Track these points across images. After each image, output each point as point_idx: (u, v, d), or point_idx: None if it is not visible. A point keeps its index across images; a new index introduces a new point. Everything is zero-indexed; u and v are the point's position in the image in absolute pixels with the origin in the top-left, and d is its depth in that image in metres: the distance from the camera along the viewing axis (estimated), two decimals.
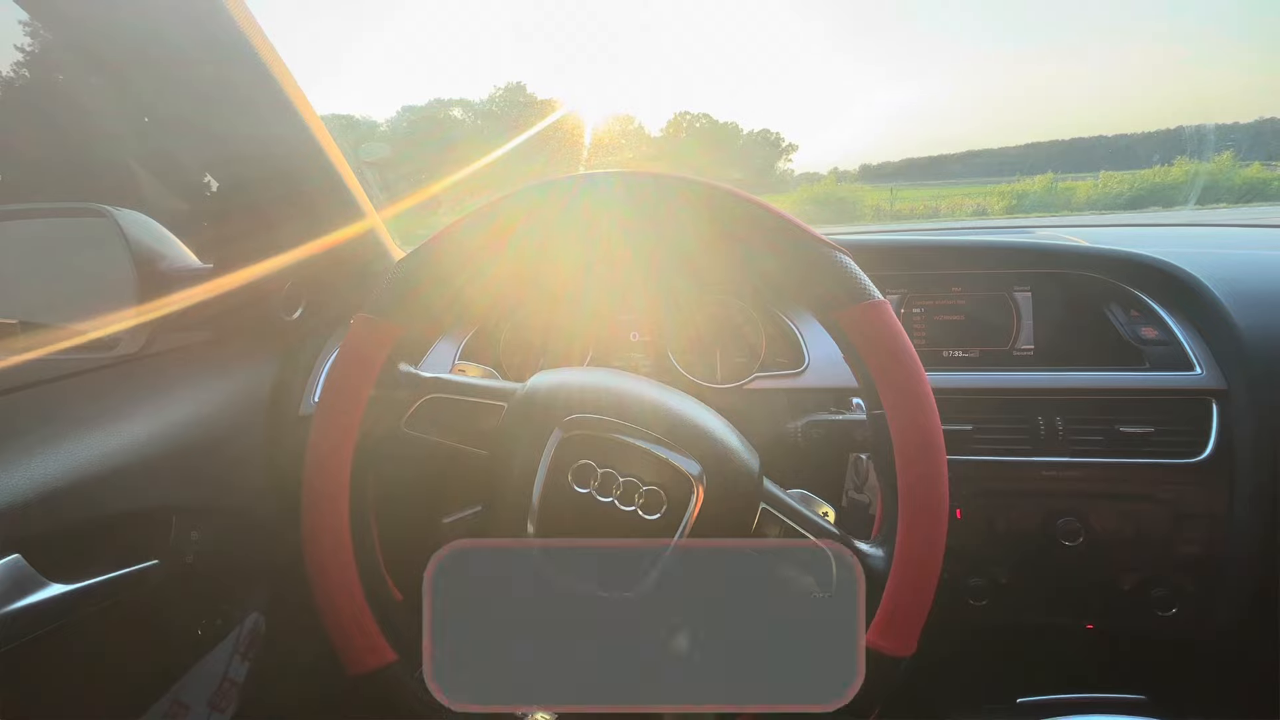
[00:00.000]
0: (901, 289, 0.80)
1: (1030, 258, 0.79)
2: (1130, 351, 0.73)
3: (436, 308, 0.49)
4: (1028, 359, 0.78)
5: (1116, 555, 0.68)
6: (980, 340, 0.79)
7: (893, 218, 9.75)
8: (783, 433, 0.67)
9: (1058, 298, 0.78)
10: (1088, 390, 0.69)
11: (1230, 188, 7.68)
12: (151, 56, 0.52)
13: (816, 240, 0.45)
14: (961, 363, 0.79)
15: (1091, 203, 8.69)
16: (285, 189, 0.67)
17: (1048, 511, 0.68)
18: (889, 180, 11.19)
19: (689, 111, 14.57)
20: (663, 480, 0.44)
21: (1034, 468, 0.68)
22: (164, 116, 0.57)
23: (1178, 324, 0.71)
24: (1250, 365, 0.66)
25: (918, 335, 0.80)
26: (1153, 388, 0.68)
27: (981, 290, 0.80)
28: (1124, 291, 0.75)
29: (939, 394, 0.72)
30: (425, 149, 5.38)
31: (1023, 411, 0.70)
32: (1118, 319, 0.75)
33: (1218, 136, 6.74)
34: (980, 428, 0.70)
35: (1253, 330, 0.66)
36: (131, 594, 0.48)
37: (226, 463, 0.63)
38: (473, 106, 9.37)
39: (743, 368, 0.77)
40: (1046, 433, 0.69)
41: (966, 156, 13.98)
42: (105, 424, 0.53)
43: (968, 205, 9.95)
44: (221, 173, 0.65)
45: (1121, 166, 9.25)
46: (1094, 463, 0.67)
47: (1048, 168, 9.93)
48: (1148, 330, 0.73)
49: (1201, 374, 0.68)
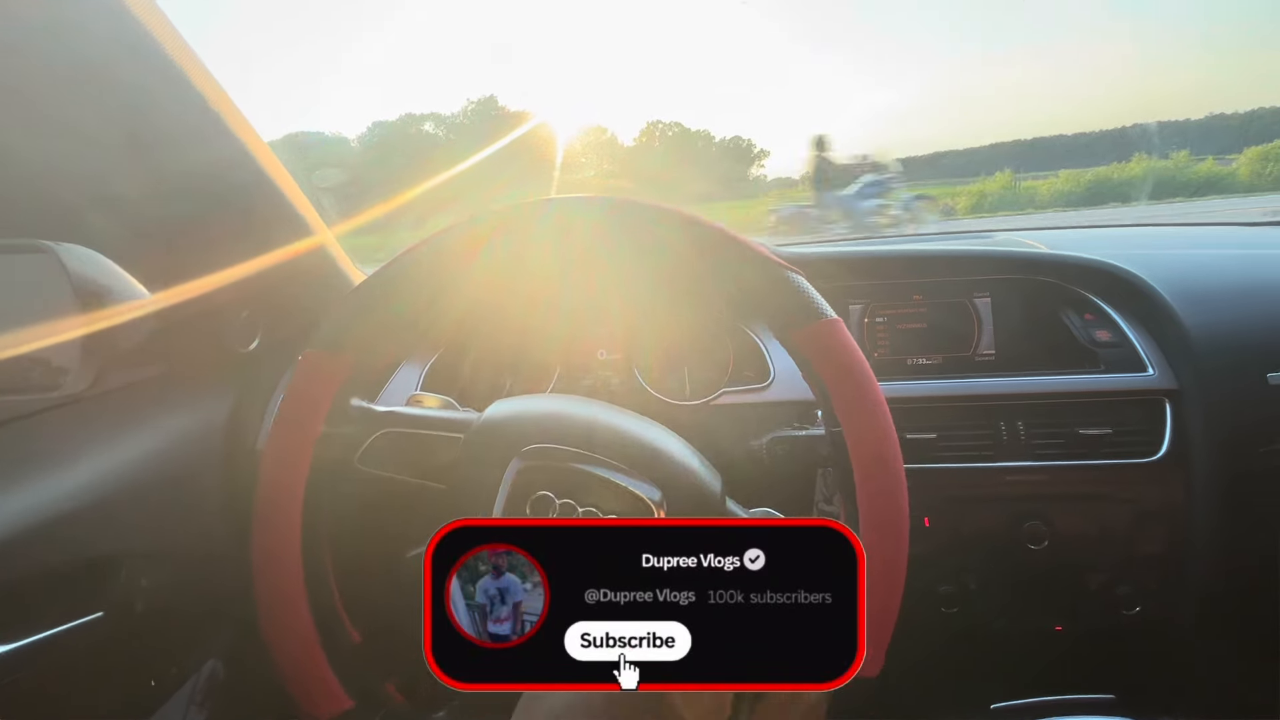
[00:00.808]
0: (864, 299, 0.81)
1: (987, 264, 0.80)
2: (1086, 354, 0.74)
3: (388, 340, 0.48)
4: (990, 364, 0.79)
5: (1081, 556, 0.69)
6: (943, 347, 0.80)
7: None
8: (750, 449, 0.67)
9: (1016, 303, 0.80)
10: (1046, 394, 0.71)
11: (1186, 183, 7.97)
12: (77, 82, 0.50)
13: (769, 261, 0.45)
14: (925, 370, 0.80)
15: (1054, 199, 8.98)
16: (231, 215, 0.65)
17: (1013, 516, 0.69)
18: None
19: (661, 121, 14.70)
20: (622, 508, 0.43)
21: (998, 473, 0.69)
22: (96, 146, 0.55)
23: (1129, 326, 0.73)
24: (1199, 364, 0.67)
25: (881, 344, 0.81)
26: (1108, 390, 0.70)
27: (942, 298, 0.81)
28: (1078, 295, 0.77)
29: (902, 403, 0.73)
30: (396, 164, 5.33)
31: (985, 418, 0.71)
32: (1073, 323, 0.76)
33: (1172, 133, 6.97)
34: (944, 435, 0.71)
35: (1199, 329, 0.68)
36: (76, 649, 0.46)
37: (181, 503, 0.61)
38: (445, 120, 9.33)
39: (711, 383, 0.77)
40: (1009, 437, 0.70)
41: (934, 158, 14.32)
42: (49, 469, 0.51)
43: (936, 205, 10.15)
44: (163, 202, 0.63)
45: (1082, 164, 9.54)
46: (1055, 466, 0.68)
47: (1012, 167, 10.19)
48: (1101, 333, 0.74)
49: (1154, 375, 0.69)
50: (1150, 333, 0.72)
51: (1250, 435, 0.67)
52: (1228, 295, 0.73)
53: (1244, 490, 0.67)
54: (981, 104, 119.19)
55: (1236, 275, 0.77)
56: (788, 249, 0.82)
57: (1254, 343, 0.69)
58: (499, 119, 8.68)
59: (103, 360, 0.69)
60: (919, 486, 0.69)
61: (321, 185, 0.76)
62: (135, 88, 0.53)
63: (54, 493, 0.49)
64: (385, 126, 7.30)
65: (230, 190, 0.64)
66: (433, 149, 7.41)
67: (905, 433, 0.71)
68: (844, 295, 0.81)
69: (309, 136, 27.44)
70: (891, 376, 0.75)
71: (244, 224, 0.67)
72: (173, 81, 0.53)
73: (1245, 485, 0.67)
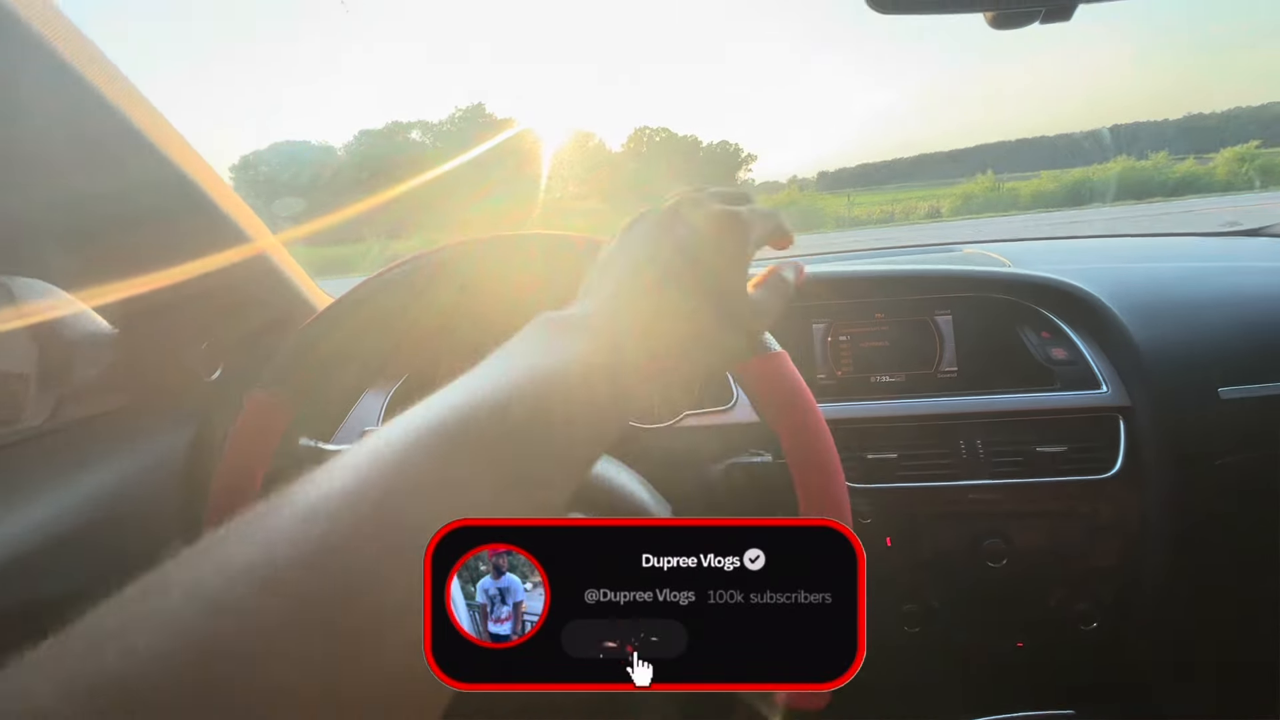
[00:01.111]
0: (827, 318, 0.82)
1: (948, 283, 0.81)
2: (1043, 372, 0.75)
3: (336, 378, 0.48)
4: (952, 381, 0.80)
5: (1040, 573, 0.70)
6: (906, 365, 0.81)
7: (852, 224, 10.02)
8: (709, 475, 0.68)
9: (976, 321, 0.81)
10: (1004, 413, 0.72)
11: (1164, 183, 8.09)
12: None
13: None
14: (889, 388, 0.81)
15: (1036, 200, 9.09)
16: (181, 243, 0.64)
17: (973, 534, 0.70)
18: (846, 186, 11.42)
19: (648, 126, 14.76)
20: None
21: (958, 491, 0.70)
22: (29, 178, 0.54)
23: (1084, 343, 0.74)
24: (1150, 381, 0.69)
25: (845, 362, 0.82)
26: (1063, 407, 0.71)
27: (904, 316, 0.82)
28: (1034, 313, 0.78)
29: (863, 424, 0.74)
30: (381, 172, 5.31)
31: (945, 436, 0.72)
32: (1030, 341, 0.77)
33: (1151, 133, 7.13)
34: (905, 455, 0.71)
35: (1149, 345, 0.69)
36: None
37: (142, 538, 0.61)
38: (431, 128, 9.32)
39: (679, 404, 0.77)
40: (968, 456, 0.71)
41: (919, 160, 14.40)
42: (2, 508, 0.50)
43: (921, 208, 10.29)
44: (109, 232, 0.62)
45: (1064, 165, 9.66)
46: (1014, 483, 0.69)
47: (996, 168, 10.32)
48: (1057, 351, 0.75)
49: (1107, 392, 0.70)
50: (1104, 350, 0.73)
51: (1204, 450, 0.68)
52: (1180, 310, 0.75)
53: (1199, 505, 0.68)
54: (965, 106, 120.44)
55: (1190, 289, 0.79)
56: None
57: (1205, 357, 0.70)
58: (487, 126, 8.66)
59: (60, 393, 0.68)
60: (881, 506, 0.71)
61: (283, 215, 0.75)
62: (60, 117, 0.52)
63: (7, 532, 0.48)
64: (372, 135, 7.23)
65: (174, 217, 0.62)
66: (419, 157, 7.38)
67: (866, 453, 0.72)
68: (807, 315, 0.82)
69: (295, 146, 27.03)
70: (854, 396, 0.76)
71: (195, 251, 0.66)
72: (99, 111, 0.52)
73: (1200, 499, 0.68)
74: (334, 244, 3.13)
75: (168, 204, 0.61)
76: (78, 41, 0.48)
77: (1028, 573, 0.69)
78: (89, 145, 0.54)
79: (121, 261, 0.64)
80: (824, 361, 0.82)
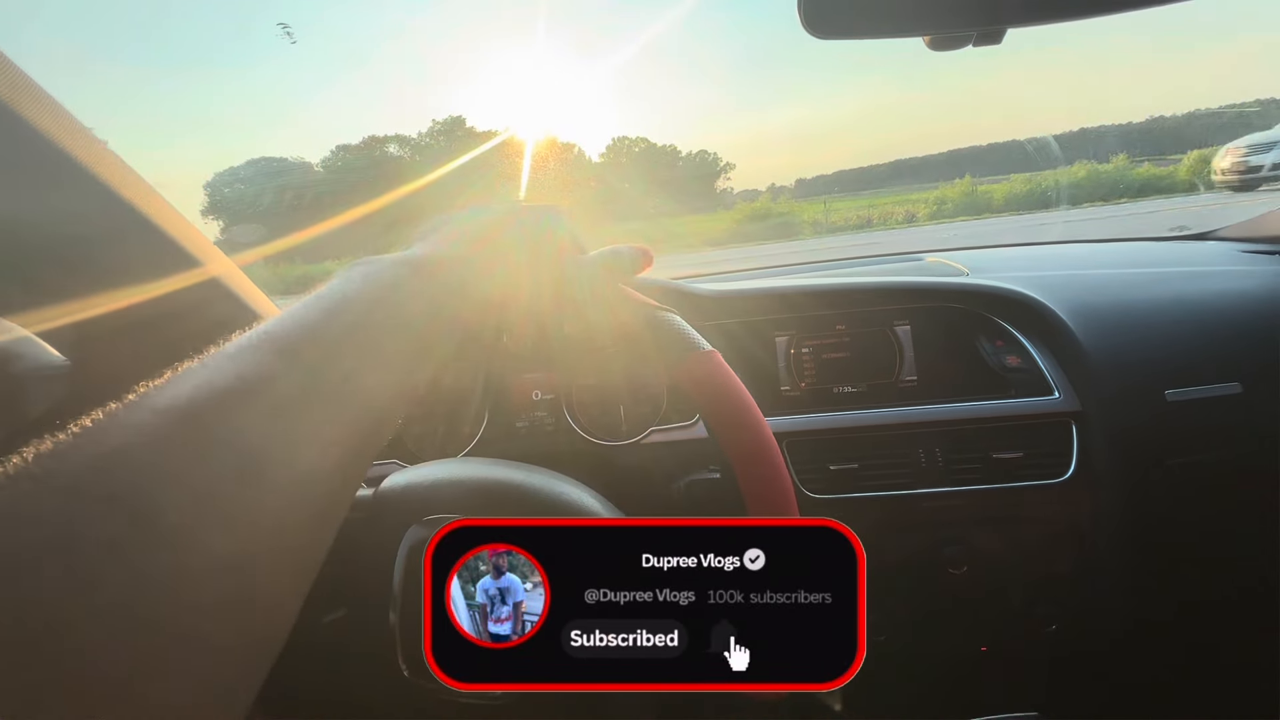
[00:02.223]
0: (789, 330, 0.83)
1: (905, 294, 0.82)
2: (998, 380, 0.77)
3: None
4: (912, 390, 0.82)
5: (999, 578, 0.71)
6: (867, 375, 0.83)
7: (829, 230, 10.11)
8: (670, 491, 0.68)
9: (934, 330, 0.82)
10: (961, 420, 0.73)
11: (1129, 185, 8.29)
12: None
13: (640, 304, 0.46)
14: (850, 399, 0.82)
15: (1008, 203, 9.28)
16: (105, 260, 0.62)
17: (933, 541, 0.71)
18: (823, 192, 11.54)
19: (627, 136, 14.84)
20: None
21: (917, 499, 0.71)
22: None
23: (1037, 351, 0.76)
24: (1099, 387, 0.70)
25: (808, 373, 0.83)
26: (1017, 414, 0.72)
27: (863, 327, 0.83)
28: (990, 322, 0.80)
29: (824, 435, 0.75)
30: (357, 186, 5.27)
31: (904, 445, 0.73)
32: (985, 349, 0.79)
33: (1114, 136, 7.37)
34: (865, 465, 0.72)
35: (1097, 352, 0.71)
36: None
37: None
38: (409, 142, 9.29)
39: (644, 420, 0.78)
40: (927, 464, 0.72)
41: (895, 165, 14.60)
42: None
43: (898, 213, 10.42)
44: (52, 260, 0.60)
45: (1034, 168, 9.86)
46: (971, 490, 0.71)
47: (968, 172, 10.55)
48: (1011, 358, 0.77)
49: (1059, 398, 0.72)
50: (1055, 356, 0.75)
51: (1152, 452, 0.70)
52: (1128, 315, 0.77)
53: (1151, 506, 0.70)
54: (938, 111, 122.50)
55: (1138, 295, 0.81)
56: (709, 286, 0.84)
57: (1152, 361, 0.72)
58: (466, 138, 8.65)
59: (9, 429, 0.67)
60: (843, 517, 0.71)
61: (243, 240, 0.75)
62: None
63: None
64: (349, 149, 7.18)
65: (98, 234, 0.61)
66: (395, 171, 7.34)
67: (828, 464, 0.73)
68: (770, 328, 0.83)
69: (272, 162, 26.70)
70: (817, 408, 0.77)
71: (126, 270, 0.64)
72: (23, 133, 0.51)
73: (1152, 501, 0.70)
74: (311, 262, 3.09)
75: (102, 229, 0.60)
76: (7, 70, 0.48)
77: (988, 577, 0.71)
78: (12, 170, 0.53)
79: (61, 288, 0.63)
80: (787, 374, 0.83)
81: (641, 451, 0.75)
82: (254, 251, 0.78)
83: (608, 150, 10.49)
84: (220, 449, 0.17)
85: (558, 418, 0.80)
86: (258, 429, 0.18)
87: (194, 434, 0.17)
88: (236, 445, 0.18)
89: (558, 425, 0.80)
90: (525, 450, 0.79)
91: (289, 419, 0.19)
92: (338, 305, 0.25)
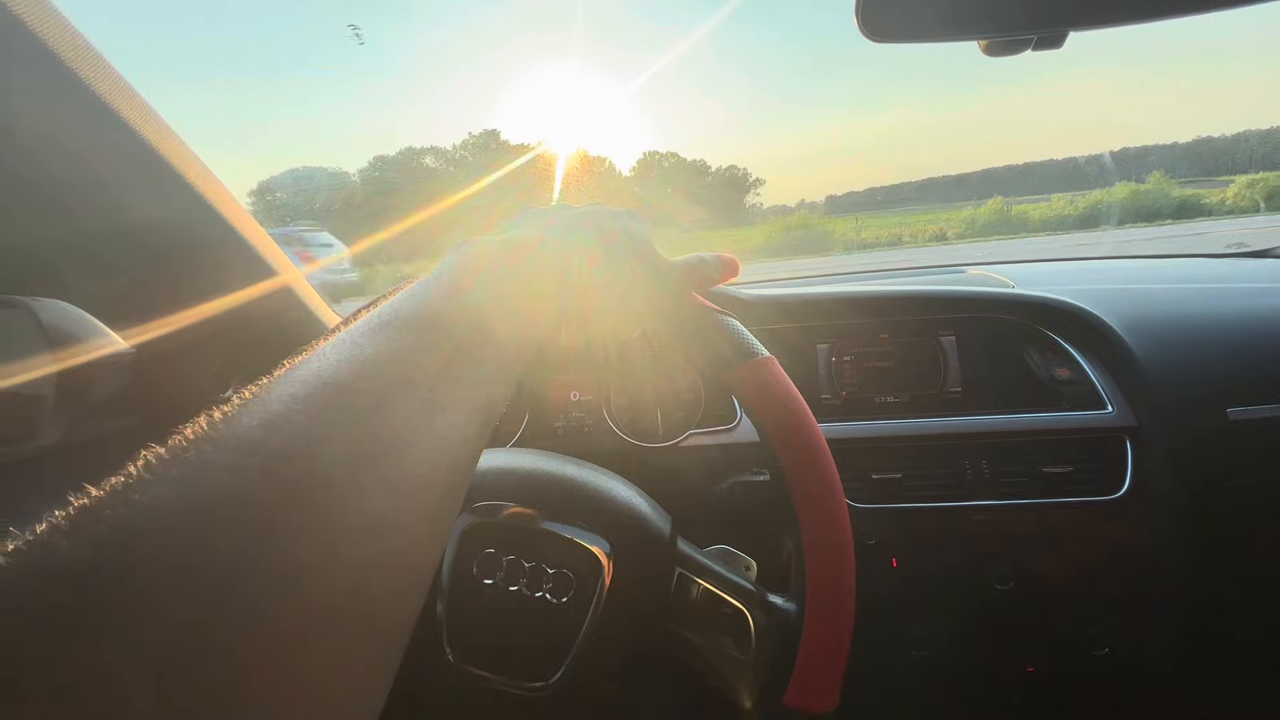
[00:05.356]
0: (831, 339, 0.82)
1: (951, 304, 0.81)
2: (1048, 392, 0.75)
3: None
4: (956, 401, 0.80)
5: (1047, 596, 0.69)
6: (910, 385, 0.81)
7: (860, 247, 10.02)
8: (714, 492, 0.68)
9: (980, 341, 0.81)
10: (1009, 433, 0.71)
11: (1174, 206, 8.11)
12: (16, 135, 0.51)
13: (698, 306, 0.46)
14: (893, 408, 0.81)
15: (1045, 224, 9.08)
16: (197, 266, 0.66)
17: (979, 555, 0.69)
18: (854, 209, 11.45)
19: (657, 151, 15.00)
20: (569, 561, 0.44)
21: (963, 512, 0.69)
22: (58, 203, 0.56)
23: (1089, 363, 0.74)
24: (1156, 401, 0.68)
25: (849, 382, 0.82)
26: (1068, 427, 0.70)
27: (908, 337, 0.82)
28: (1038, 333, 0.78)
29: (868, 444, 0.73)
30: (395, 197, 5.41)
31: (949, 456, 0.72)
32: (1034, 360, 0.77)
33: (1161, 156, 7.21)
34: (909, 475, 0.71)
35: (1154, 366, 0.69)
36: None
37: None
38: (445, 154, 9.51)
39: (682, 423, 0.77)
40: (973, 476, 0.70)
41: (926, 183, 14.47)
42: (15, 523, 0.51)
43: (929, 231, 10.27)
44: (128, 253, 0.64)
45: (1072, 188, 9.68)
46: (1019, 504, 0.69)
47: (1003, 191, 10.41)
48: (1062, 371, 0.75)
49: (1113, 412, 0.70)
50: (1109, 370, 0.73)
51: (1213, 471, 0.67)
52: (1186, 330, 0.74)
53: (1211, 527, 0.67)
54: (972, 129, 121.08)
55: (1196, 309, 0.78)
56: (753, 290, 0.84)
57: (1212, 377, 0.70)
58: (500, 151, 8.82)
59: (75, 413, 0.70)
60: (885, 527, 0.70)
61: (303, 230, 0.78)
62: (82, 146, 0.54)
63: None
64: (386, 160, 7.37)
65: (193, 241, 0.65)
66: (431, 183, 7.52)
67: (871, 473, 0.71)
68: (811, 335, 0.82)
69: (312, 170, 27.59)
70: (858, 416, 0.76)
71: (211, 274, 0.68)
72: (125, 140, 0.54)
73: (1212, 522, 0.67)
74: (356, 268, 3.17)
75: (195, 237, 0.63)
76: (112, 78, 0.51)
77: (1035, 595, 0.68)
78: (120, 177, 0.56)
79: (147, 289, 0.66)
80: (828, 381, 0.82)
81: (680, 454, 0.74)
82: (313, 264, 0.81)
83: (638, 164, 10.56)
84: (369, 415, 0.18)
85: (596, 419, 0.81)
86: (400, 396, 0.19)
87: (345, 399, 0.18)
88: (384, 410, 0.19)
89: (596, 426, 0.80)
90: (562, 450, 0.80)
91: (427, 388, 0.20)
92: (454, 284, 0.26)
